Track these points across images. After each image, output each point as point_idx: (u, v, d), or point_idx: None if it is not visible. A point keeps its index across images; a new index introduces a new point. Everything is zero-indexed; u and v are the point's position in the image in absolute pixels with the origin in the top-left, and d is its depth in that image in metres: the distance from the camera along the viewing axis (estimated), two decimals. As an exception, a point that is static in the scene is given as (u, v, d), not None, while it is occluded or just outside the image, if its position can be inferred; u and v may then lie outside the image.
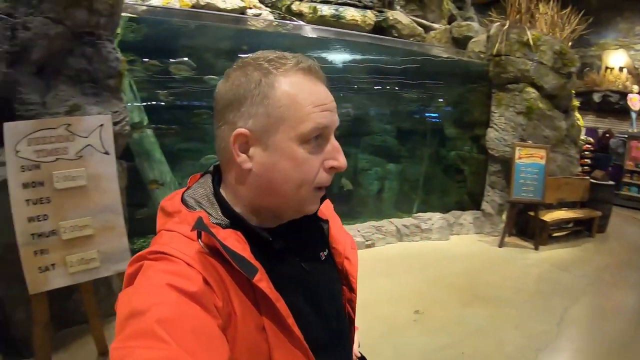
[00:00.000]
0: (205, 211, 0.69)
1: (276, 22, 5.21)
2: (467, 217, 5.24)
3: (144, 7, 4.24)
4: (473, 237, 5.21)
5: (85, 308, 2.53)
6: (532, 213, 4.96)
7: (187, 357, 0.50)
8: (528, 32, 4.70)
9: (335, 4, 5.53)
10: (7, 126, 2.13)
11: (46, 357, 2.13)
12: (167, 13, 4.38)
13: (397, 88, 5.69)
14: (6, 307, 2.41)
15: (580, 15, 5.14)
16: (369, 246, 4.78)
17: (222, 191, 0.72)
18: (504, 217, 5.05)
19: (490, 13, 5.30)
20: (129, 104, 3.89)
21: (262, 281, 0.63)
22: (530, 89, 4.86)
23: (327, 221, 0.85)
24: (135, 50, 4.43)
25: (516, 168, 4.68)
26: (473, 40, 5.24)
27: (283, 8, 5.60)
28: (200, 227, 0.63)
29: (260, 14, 5.25)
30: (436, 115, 5.94)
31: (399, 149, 5.92)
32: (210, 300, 0.58)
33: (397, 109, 5.93)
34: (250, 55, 0.70)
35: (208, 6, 4.78)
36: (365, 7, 5.49)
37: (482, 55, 5.11)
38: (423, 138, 5.85)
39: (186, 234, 0.64)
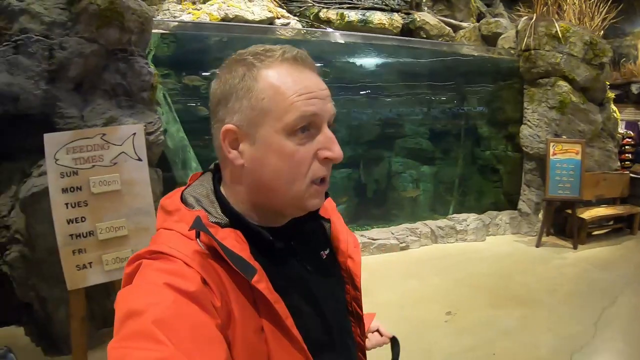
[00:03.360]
0: (205, 210, 0.67)
1: (304, 30, 5.33)
2: (504, 217, 5.08)
3: (176, 23, 4.47)
4: (510, 237, 5.05)
5: (122, 306, 2.71)
6: (569, 211, 4.74)
7: (184, 358, 0.50)
8: (556, 24, 4.54)
9: (363, 8, 5.58)
10: (47, 137, 2.33)
11: (82, 350, 2.29)
12: (197, 27, 4.60)
13: (428, 89, 5.65)
14: (48, 306, 2.60)
15: (610, 3, 4.89)
16: (403, 248, 4.75)
17: (222, 190, 0.71)
18: (540, 216, 4.86)
19: (517, 8, 5.17)
20: (164, 115, 4.12)
21: (261, 282, 0.62)
22: (562, 83, 4.68)
23: (329, 220, 0.84)
24: (169, 64, 4.69)
25: (551, 165, 4.51)
26: (502, 36, 5.12)
27: (311, 16, 5.71)
28: (198, 226, 0.62)
29: (288, 23, 5.36)
30: (469, 115, 5.82)
31: (433, 151, 5.85)
32: (208, 300, 0.57)
33: (429, 110, 5.88)
34: (239, 51, 0.69)
35: (237, 19, 4.93)
36: (392, 10, 5.49)
37: (512, 52, 4.98)
38: (457, 139, 5.75)
39: (184, 233, 0.63)
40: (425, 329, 3.12)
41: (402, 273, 4.16)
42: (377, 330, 1.07)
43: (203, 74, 4.82)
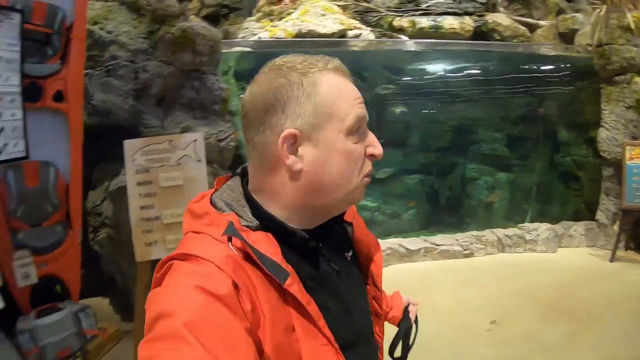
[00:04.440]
0: (236, 213, 0.69)
1: (376, 41, 5.50)
2: (579, 228, 4.66)
3: (253, 41, 5.01)
4: (584, 250, 4.63)
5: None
6: (650, 222, 4.20)
7: None
8: (628, 15, 4.09)
9: (436, 14, 5.58)
10: (126, 142, 2.92)
11: (144, 314, 2.85)
12: (273, 44, 5.04)
13: (503, 93, 5.42)
14: (127, 280, 3.21)
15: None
16: (467, 256, 4.64)
17: (253, 194, 0.72)
18: (615, 227, 4.37)
19: (593, 0, 4.72)
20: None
21: (294, 285, 0.63)
22: (638, 79, 4.19)
23: (351, 223, 0.86)
24: (248, 78, 5.23)
25: (627, 170, 4.06)
26: (579, 33, 4.72)
27: (385, 25, 5.83)
28: (231, 232, 0.63)
29: (360, 34, 5.50)
30: (548, 118, 5.42)
31: (510, 157, 5.54)
32: (238, 304, 0.58)
33: (505, 115, 5.60)
34: (275, 60, 0.72)
35: (310, 33, 5.20)
36: (466, 14, 5.41)
37: (589, 48, 4.58)
38: (535, 144, 5.40)
39: (215, 237, 0.64)
40: (464, 337, 3.12)
41: (459, 280, 4.11)
42: (410, 303, 1.15)
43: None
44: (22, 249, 2.61)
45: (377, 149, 0.72)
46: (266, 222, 0.69)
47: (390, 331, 1.04)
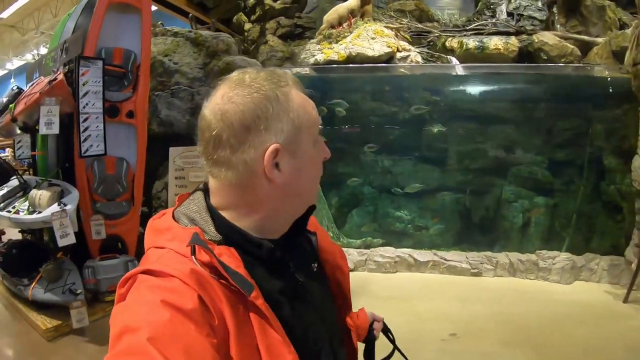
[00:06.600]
0: (200, 227, 0.69)
1: (421, 63, 5.71)
2: (602, 262, 4.36)
3: (309, 65, 5.74)
4: (603, 286, 4.28)
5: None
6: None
7: None
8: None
9: (487, 34, 5.60)
10: (171, 149, 4.04)
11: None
12: (326, 69, 5.65)
13: (547, 116, 5.22)
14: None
15: None
16: (474, 274, 4.71)
17: (220, 211, 0.72)
18: (633, 265, 3.93)
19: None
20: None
21: (258, 298, 0.63)
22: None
23: (315, 233, 0.87)
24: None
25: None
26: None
27: (439, 45, 6.01)
28: (197, 242, 0.63)
29: (408, 56, 5.76)
30: (594, 143, 5.01)
31: (551, 182, 5.35)
32: (205, 318, 0.58)
33: (548, 138, 5.37)
34: (236, 75, 0.73)
35: (359, 56, 5.61)
36: (518, 33, 5.32)
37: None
38: (579, 170, 5.11)
39: (179, 251, 0.64)
40: (418, 341, 3.25)
41: (452, 294, 4.21)
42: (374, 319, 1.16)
43: (328, 103, 5.57)
44: (98, 214, 3.78)
45: (327, 152, 0.78)
46: (230, 236, 0.70)
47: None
